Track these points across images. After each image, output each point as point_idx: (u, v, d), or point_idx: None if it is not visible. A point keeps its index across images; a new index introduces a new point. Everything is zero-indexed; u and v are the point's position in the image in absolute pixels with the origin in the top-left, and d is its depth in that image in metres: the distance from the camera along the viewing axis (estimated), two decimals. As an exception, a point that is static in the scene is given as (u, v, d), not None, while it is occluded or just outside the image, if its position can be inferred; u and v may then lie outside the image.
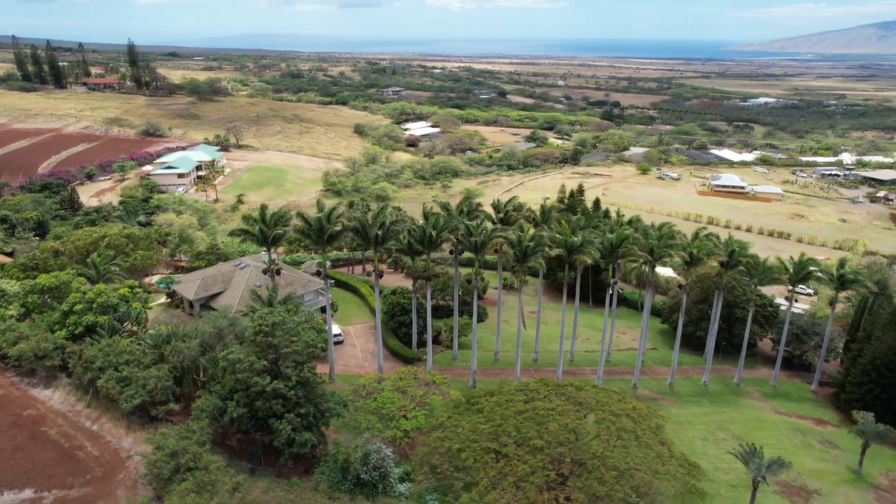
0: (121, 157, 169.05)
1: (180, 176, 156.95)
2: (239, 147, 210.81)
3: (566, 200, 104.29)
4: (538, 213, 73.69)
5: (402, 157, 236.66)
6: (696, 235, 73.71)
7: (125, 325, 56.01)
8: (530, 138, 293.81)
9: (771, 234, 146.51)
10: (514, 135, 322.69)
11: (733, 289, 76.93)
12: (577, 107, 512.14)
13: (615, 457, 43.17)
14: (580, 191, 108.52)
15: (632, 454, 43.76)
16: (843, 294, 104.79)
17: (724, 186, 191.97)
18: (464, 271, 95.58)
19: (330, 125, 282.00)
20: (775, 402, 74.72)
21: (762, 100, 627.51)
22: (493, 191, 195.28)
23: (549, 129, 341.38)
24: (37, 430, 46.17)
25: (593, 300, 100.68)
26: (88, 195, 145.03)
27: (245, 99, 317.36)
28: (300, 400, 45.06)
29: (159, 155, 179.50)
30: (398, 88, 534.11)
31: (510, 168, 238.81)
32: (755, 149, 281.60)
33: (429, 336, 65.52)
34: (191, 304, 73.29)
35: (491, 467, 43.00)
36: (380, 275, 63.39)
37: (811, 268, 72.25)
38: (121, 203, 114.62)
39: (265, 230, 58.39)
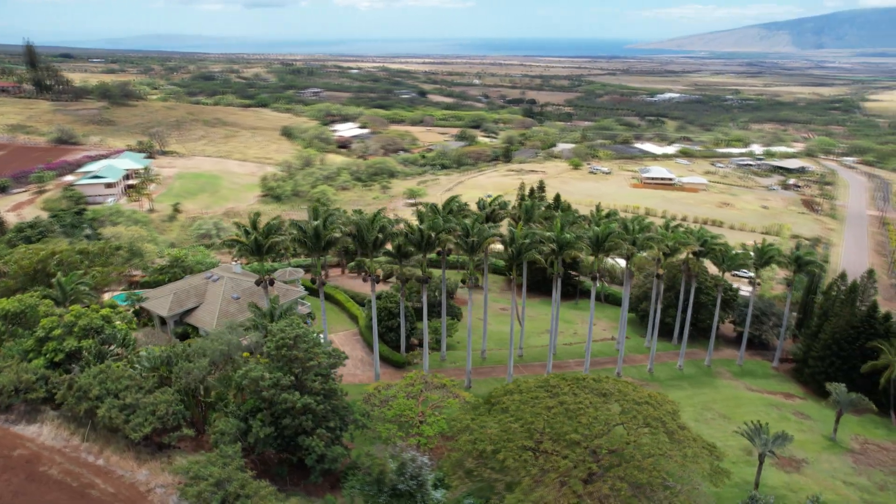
0: (37, 167, 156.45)
1: (108, 186, 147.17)
2: (164, 153, 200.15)
3: (527, 198, 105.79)
4: (522, 210, 74.24)
5: (336, 159, 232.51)
6: (666, 226, 76.85)
7: (112, 348, 51.80)
8: (460, 137, 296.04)
9: (705, 223, 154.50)
10: (442, 134, 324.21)
11: (698, 276, 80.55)
12: (495, 105, 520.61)
13: (648, 444, 44.24)
14: (541, 188, 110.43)
15: (661, 440, 44.95)
16: (780, 275, 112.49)
17: (653, 179, 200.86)
18: (435, 272, 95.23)
19: (255, 128, 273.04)
20: (745, 381, 79.04)
21: (668, 95, 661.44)
22: (434, 190, 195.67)
23: (476, 127, 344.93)
24: (34, 471, 41.90)
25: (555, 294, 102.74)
26: (4, 209, 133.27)
27: (161, 103, 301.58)
28: (327, 414, 43.35)
29: (80, 164, 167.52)
30: (317, 89, 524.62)
31: (443, 167, 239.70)
32: (672, 142, 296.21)
33: (425, 339, 64.68)
34: (162, 322, 68.91)
35: (532, 465, 42.97)
36: (376, 280, 61.94)
37: (772, 253, 76.96)
38: (53, 216, 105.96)
39: (261, 240, 55.61)
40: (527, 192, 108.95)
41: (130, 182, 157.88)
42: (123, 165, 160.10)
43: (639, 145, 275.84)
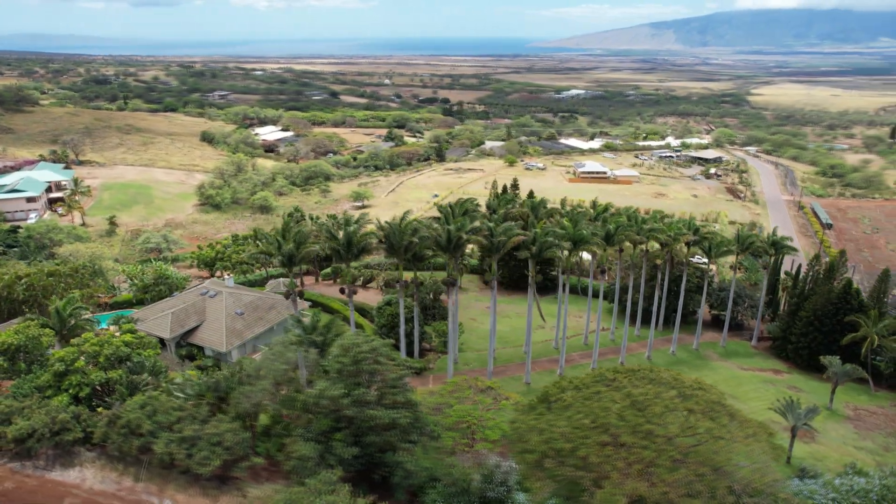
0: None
1: (30, 200, 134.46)
2: (80, 163, 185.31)
3: (500, 196, 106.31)
4: (529, 209, 74.48)
5: (266, 163, 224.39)
6: (654, 218, 79.71)
7: (143, 377, 47.23)
8: (388, 137, 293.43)
9: (647, 213, 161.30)
10: (367, 135, 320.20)
11: (688, 264, 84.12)
12: (409, 105, 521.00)
13: (715, 427, 45.65)
14: (514, 185, 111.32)
15: (726, 425, 46.55)
16: (731, 260, 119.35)
17: (588, 173, 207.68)
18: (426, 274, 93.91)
19: (172, 135, 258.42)
20: (733, 361, 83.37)
21: (573, 92, 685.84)
22: (377, 192, 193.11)
23: (400, 127, 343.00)
24: (94, 520, 37.70)
25: (538, 289, 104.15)
26: None
27: (62, 109, 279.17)
28: (409, 427, 41.69)
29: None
30: (224, 92, 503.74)
31: (377, 168, 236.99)
32: (592, 137, 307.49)
33: (453, 343, 63.60)
34: (162, 344, 63.71)
35: (616, 458, 43.21)
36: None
37: (752, 240, 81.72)
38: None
39: (293, 251, 52.43)
40: (499, 189, 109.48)
41: (53, 195, 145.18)
42: (43, 177, 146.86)
43: (564, 141, 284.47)
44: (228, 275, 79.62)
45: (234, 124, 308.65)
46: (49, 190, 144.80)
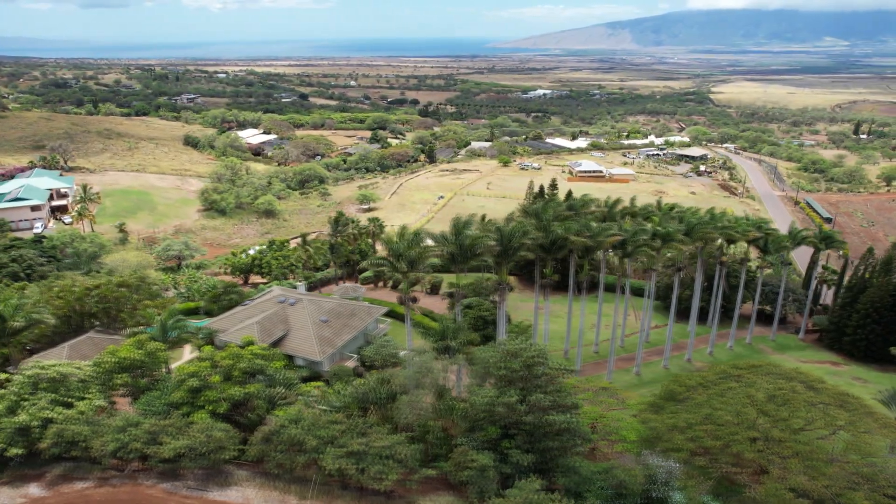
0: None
1: (34, 209, 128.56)
2: (70, 170, 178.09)
3: (538, 197, 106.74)
4: (606, 209, 74.48)
5: (257, 167, 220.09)
6: (712, 215, 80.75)
7: (278, 390, 45.33)
8: (373, 139, 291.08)
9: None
10: (349, 137, 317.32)
11: (747, 260, 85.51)
12: (379, 106, 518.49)
13: (858, 421, 46.51)
14: (553, 186, 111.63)
15: (862, 417, 47.46)
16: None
17: (585, 172, 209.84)
18: (471, 276, 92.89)
19: (153, 139, 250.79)
20: (788, 354, 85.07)
21: (539, 92, 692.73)
22: (379, 194, 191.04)
23: (381, 129, 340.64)
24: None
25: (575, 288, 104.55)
26: None
27: (35, 113, 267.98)
28: (578, 430, 41.15)
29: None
30: (192, 96, 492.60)
31: (367, 170, 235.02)
32: (574, 137, 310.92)
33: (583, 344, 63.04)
34: (249, 356, 61.44)
35: (770, 453, 43.53)
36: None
37: (805, 235, 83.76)
38: (7, 248, 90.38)
39: (413, 255, 51.04)
40: (536, 190, 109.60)
41: (54, 203, 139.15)
42: (44, 185, 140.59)
43: (550, 140, 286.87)
44: (300, 282, 77.46)
45: (212, 128, 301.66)
46: (50, 198, 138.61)
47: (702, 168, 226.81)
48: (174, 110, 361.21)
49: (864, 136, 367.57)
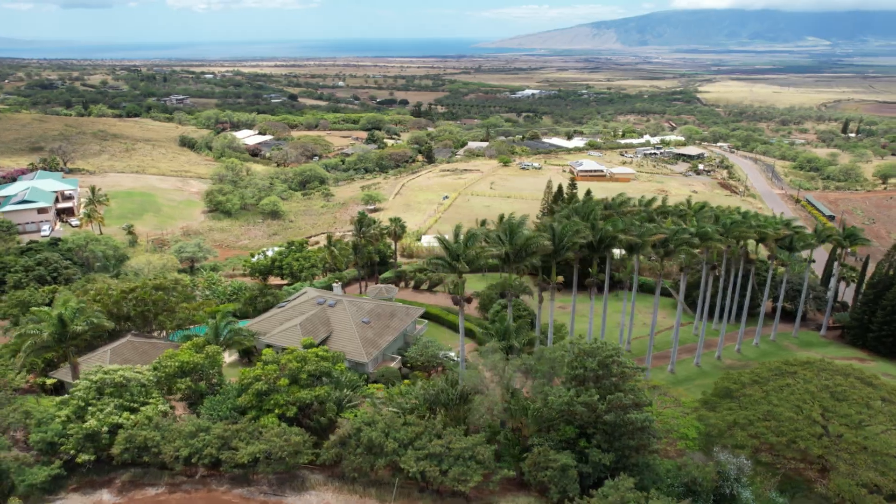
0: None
1: (41, 211, 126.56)
2: (70, 171, 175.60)
3: (558, 197, 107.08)
4: (641, 207, 74.76)
5: (257, 168, 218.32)
6: (745, 215, 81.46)
7: (345, 393, 44.94)
8: (370, 139, 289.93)
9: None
10: (344, 137, 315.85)
11: (776, 258, 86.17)
12: (368, 106, 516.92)
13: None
14: (572, 185, 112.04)
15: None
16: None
17: (587, 171, 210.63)
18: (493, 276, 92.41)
19: (150, 140, 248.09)
20: (814, 350, 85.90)
21: (528, 91, 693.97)
22: (383, 194, 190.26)
23: (376, 129, 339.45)
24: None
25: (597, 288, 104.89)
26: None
27: (28, 115, 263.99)
28: (652, 428, 41.25)
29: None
30: (181, 96, 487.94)
31: (367, 171, 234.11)
32: (569, 136, 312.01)
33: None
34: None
35: (839, 449, 43.88)
36: (553, 286, 59.32)
37: (829, 232, 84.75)
38: (24, 252, 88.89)
39: (470, 254, 50.80)
40: (555, 190, 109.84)
41: (60, 206, 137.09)
42: (49, 187, 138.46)
43: (547, 140, 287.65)
44: (337, 282, 76.84)
45: (206, 129, 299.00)
46: (55, 200, 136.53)
47: (700, 167, 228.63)
48: (166, 111, 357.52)
49: (852, 135, 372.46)
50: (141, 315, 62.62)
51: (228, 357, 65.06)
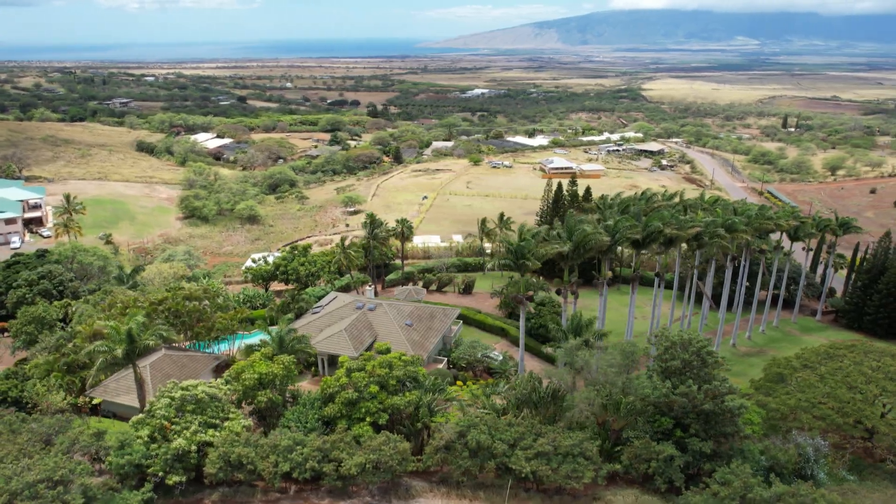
0: None
1: (8, 222, 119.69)
2: (27, 179, 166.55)
3: (558, 195, 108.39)
4: (664, 201, 76.31)
5: (224, 172, 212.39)
6: (760, 207, 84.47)
7: (434, 396, 44.21)
8: (333, 141, 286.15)
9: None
10: (304, 140, 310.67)
11: (780, 248, 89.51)
12: (321, 107, 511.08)
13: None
14: (573, 182, 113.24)
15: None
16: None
17: (557, 169, 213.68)
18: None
19: (104, 146, 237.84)
20: (815, 335, 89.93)
21: (477, 91, 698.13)
22: (361, 195, 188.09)
23: (336, 130, 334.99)
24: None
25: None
26: None
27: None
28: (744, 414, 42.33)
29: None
30: (125, 100, 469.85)
31: (335, 173, 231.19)
32: (530, 134, 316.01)
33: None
34: (332, 363, 59.71)
35: (902, 427, 46.08)
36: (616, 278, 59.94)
37: (826, 222, 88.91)
38: (9, 266, 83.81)
39: (540, 253, 50.76)
40: (554, 188, 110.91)
41: (28, 216, 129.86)
42: (13, 196, 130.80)
43: (511, 139, 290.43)
44: (369, 286, 75.36)
45: (160, 132, 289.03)
46: (23, 210, 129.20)
47: (664, 162, 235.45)
48: (113, 115, 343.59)
49: (792, 130, 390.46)
50: (182, 325, 60.19)
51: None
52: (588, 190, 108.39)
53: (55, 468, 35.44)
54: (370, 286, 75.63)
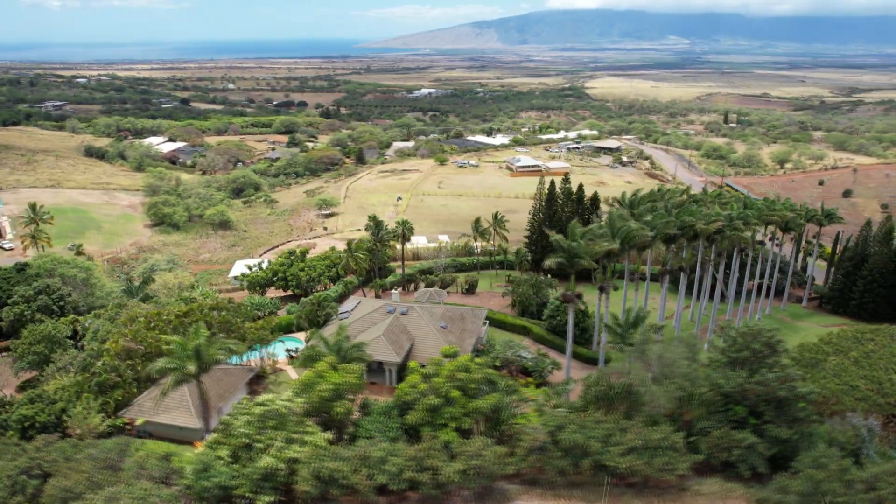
0: None
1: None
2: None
3: (551, 194, 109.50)
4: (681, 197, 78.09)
5: (184, 176, 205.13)
6: (766, 201, 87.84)
7: (511, 398, 43.84)
8: (291, 143, 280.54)
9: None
10: (260, 142, 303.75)
11: (774, 240, 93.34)
12: (266, 109, 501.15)
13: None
14: (566, 180, 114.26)
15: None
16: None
17: (525, 167, 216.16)
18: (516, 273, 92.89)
19: (49, 151, 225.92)
20: (806, 321, 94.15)
21: (424, 91, 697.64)
22: (333, 197, 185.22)
23: (291, 132, 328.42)
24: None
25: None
26: None
27: None
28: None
29: None
30: (58, 103, 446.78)
31: (297, 175, 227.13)
32: (489, 133, 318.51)
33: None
34: (379, 369, 58.67)
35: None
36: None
37: (813, 213, 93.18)
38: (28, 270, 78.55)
39: (595, 252, 51.15)
40: (547, 186, 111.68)
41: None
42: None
43: (471, 138, 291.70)
44: (395, 289, 73.98)
45: (106, 137, 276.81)
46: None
47: (624, 159, 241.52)
48: (50, 119, 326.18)
49: (734, 125, 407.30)
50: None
51: (295, 374, 61.57)
52: (581, 186, 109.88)
53: (145, 497, 33.64)
54: (395, 290, 74.55)
